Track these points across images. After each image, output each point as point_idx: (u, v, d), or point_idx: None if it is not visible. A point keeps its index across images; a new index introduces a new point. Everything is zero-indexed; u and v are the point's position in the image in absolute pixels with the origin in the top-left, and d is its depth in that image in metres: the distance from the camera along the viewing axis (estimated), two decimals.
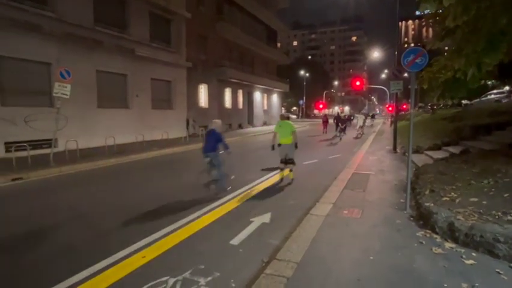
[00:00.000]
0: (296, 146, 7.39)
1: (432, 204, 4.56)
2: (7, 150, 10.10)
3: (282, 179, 7.49)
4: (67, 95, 9.49)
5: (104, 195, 6.52)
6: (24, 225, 4.80)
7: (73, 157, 10.20)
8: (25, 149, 9.13)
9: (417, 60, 4.91)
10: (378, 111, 74.62)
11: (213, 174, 6.36)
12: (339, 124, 18.81)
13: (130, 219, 5.02)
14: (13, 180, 7.65)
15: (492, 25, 5.01)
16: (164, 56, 17.61)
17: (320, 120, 26.19)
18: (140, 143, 13.40)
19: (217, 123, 6.57)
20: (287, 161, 7.40)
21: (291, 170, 7.54)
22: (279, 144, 7.35)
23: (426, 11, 6.18)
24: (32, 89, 11.56)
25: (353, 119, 27.16)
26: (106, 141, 11.82)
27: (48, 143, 10.68)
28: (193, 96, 21.49)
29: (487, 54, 5.08)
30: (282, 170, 7.50)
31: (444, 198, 4.80)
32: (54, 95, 9.43)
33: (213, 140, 6.30)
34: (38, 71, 11.78)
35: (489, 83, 24.60)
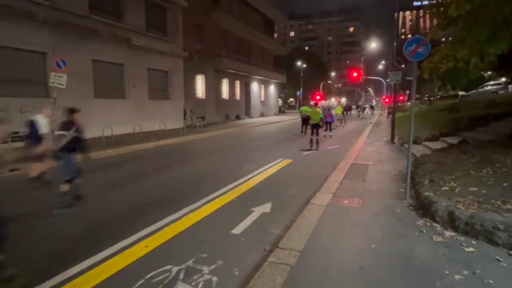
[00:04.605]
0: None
1: (432, 194, 4.59)
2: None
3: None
4: (63, 85, 9.34)
5: (103, 186, 6.48)
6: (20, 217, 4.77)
7: None
8: (22, 140, 9.00)
9: (419, 50, 4.87)
10: (375, 103, 74.95)
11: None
12: (360, 109, 36.06)
13: (131, 210, 5.01)
14: (11, 171, 7.58)
15: (495, 14, 4.96)
16: (160, 45, 17.34)
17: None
18: (138, 134, 13.31)
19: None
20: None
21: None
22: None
23: (424, 2, 6.08)
24: (27, 79, 11.34)
25: (365, 108, 41.43)
26: (104, 132, 11.70)
27: None
28: (190, 86, 21.29)
29: (491, 44, 5.04)
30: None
31: (444, 188, 4.83)
32: (50, 85, 9.30)
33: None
34: (34, 61, 11.54)
35: (485, 74, 24.69)
